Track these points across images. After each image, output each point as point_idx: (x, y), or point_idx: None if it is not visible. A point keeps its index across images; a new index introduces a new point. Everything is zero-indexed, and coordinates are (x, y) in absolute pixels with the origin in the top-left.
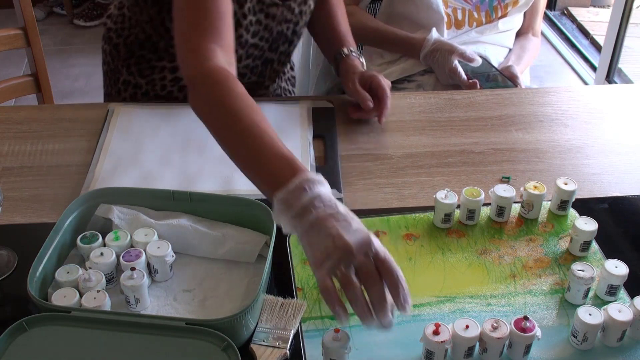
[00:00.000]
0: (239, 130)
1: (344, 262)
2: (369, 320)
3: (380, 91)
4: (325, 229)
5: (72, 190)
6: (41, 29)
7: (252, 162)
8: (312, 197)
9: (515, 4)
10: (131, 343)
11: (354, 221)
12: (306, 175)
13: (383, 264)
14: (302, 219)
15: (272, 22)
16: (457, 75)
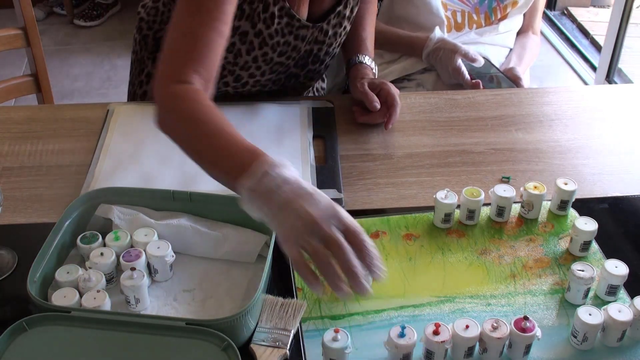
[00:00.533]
0: (202, 134)
1: (310, 234)
2: (342, 291)
3: (390, 98)
4: (293, 210)
5: (72, 190)
6: (41, 29)
7: (217, 159)
8: (277, 180)
9: (515, 5)
10: (131, 343)
11: (320, 196)
12: (268, 160)
13: (350, 232)
14: (270, 203)
15: (301, 43)
16: (460, 75)
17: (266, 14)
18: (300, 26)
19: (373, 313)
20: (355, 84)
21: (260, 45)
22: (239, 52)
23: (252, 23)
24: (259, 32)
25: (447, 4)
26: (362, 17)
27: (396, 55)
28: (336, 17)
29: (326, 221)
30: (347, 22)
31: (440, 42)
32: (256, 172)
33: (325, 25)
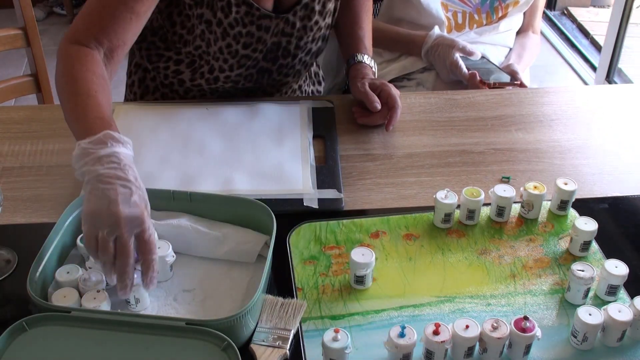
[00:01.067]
0: (74, 92)
1: (108, 229)
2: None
3: (391, 99)
4: (106, 189)
5: (72, 190)
6: (41, 29)
7: (76, 118)
8: (109, 152)
9: (516, 4)
10: (131, 343)
11: (136, 192)
12: (112, 133)
13: (143, 244)
14: (92, 168)
15: (266, 35)
16: (457, 68)
17: (223, 2)
18: (261, 16)
19: (373, 313)
20: (356, 83)
21: (222, 36)
22: (208, 41)
23: (212, 11)
24: (220, 21)
25: (447, 5)
26: (357, 14)
27: (396, 54)
28: (303, 9)
29: (128, 227)
30: (319, 16)
31: (439, 39)
32: (96, 139)
33: (292, 17)
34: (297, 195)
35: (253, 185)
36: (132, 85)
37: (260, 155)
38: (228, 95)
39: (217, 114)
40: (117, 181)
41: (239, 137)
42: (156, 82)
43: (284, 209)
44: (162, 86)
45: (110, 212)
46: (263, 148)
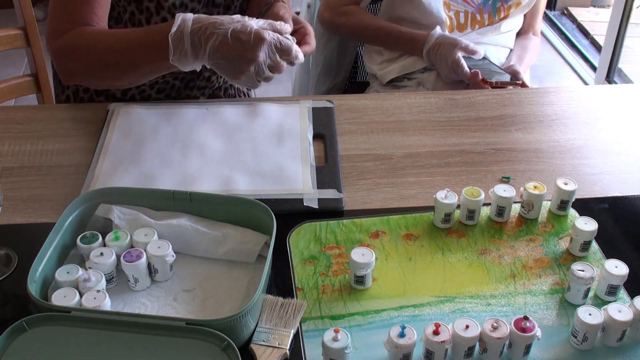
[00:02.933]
0: (115, 41)
1: (259, 69)
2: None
3: (307, 38)
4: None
5: (72, 190)
6: (41, 29)
7: (138, 59)
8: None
9: (518, 6)
10: (131, 343)
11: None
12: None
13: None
14: (199, 57)
15: (198, 5)
16: (459, 67)
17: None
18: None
19: (373, 313)
20: (277, 10)
21: (157, 10)
22: (139, 22)
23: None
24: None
25: (450, 4)
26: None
27: (396, 53)
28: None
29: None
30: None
31: (440, 38)
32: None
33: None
34: (297, 195)
35: (253, 185)
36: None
37: (260, 155)
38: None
39: (217, 114)
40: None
41: (239, 137)
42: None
43: (284, 209)
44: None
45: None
46: (263, 148)
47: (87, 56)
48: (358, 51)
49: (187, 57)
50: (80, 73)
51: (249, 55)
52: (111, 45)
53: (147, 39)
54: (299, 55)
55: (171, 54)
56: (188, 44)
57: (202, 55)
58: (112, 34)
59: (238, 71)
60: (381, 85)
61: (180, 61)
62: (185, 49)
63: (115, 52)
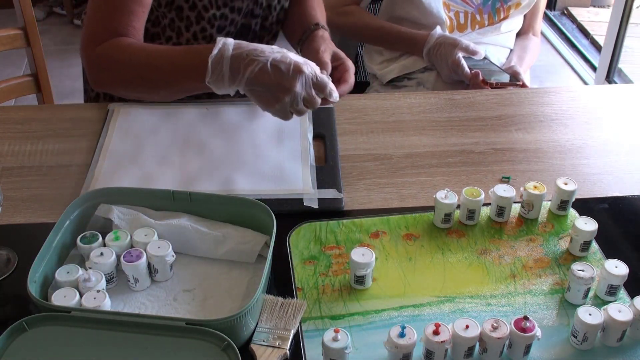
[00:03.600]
0: (146, 66)
1: (294, 101)
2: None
3: (347, 76)
4: (262, 83)
5: (72, 190)
6: (41, 29)
7: (174, 77)
8: (229, 62)
9: (518, 6)
10: (131, 343)
11: (280, 63)
12: (212, 53)
13: (318, 85)
14: (236, 82)
15: (238, 16)
16: (459, 67)
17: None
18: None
19: (373, 313)
20: (316, 46)
21: (197, 20)
22: (179, 29)
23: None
24: (193, 4)
25: (449, 5)
26: (311, 7)
27: (396, 53)
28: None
29: (302, 88)
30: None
31: (441, 38)
32: (211, 67)
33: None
34: (297, 195)
35: (253, 185)
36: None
37: (260, 155)
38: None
39: (217, 114)
40: (262, 72)
41: (239, 137)
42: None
43: (284, 209)
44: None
45: (284, 93)
46: (263, 148)
47: (124, 70)
48: (358, 51)
49: (223, 80)
50: (114, 85)
51: (287, 84)
52: (149, 62)
53: (186, 58)
54: (334, 94)
55: (208, 75)
56: (227, 68)
57: (240, 80)
58: (150, 50)
59: (273, 99)
60: (381, 85)
61: (216, 84)
62: (223, 72)
63: (152, 69)
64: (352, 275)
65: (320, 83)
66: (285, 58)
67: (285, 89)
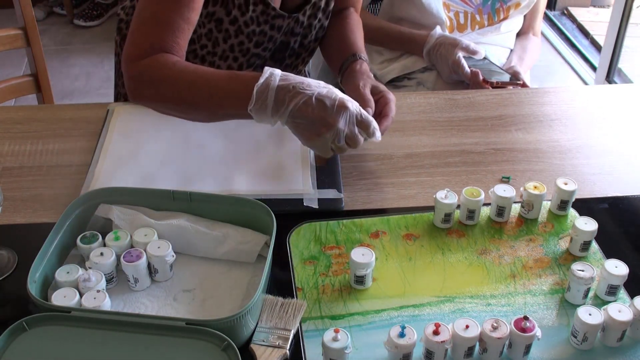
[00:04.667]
0: (188, 87)
1: (337, 138)
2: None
3: (387, 109)
4: (306, 117)
5: (72, 190)
6: (41, 29)
7: (215, 102)
8: (275, 92)
9: (517, 7)
10: (131, 343)
11: (325, 98)
12: (258, 82)
13: (362, 123)
14: (279, 113)
15: (277, 34)
16: (460, 67)
17: (241, 1)
18: (275, 15)
19: (373, 313)
20: (356, 81)
21: (236, 34)
22: (216, 40)
23: (226, 10)
24: (234, 19)
25: (449, 5)
26: (350, 28)
27: (396, 53)
28: (311, 8)
29: (345, 125)
30: (323, 14)
31: (441, 38)
32: (256, 95)
33: (301, 17)
34: (297, 195)
35: (253, 185)
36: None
37: (260, 155)
38: None
39: None
40: (306, 106)
41: (239, 137)
42: None
43: (284, 209)
44: None
45: (327, 128)
46: (263, 148)
47: (165, 88)
48: None
49: (266, 110)
50: (153, 101)
51: (330, 119)
52: (192, 83)
53: (230, 84)
54: (377, 133)
55: (252, 103)
56: (271, 98)
57: (283, 112)
58: (194, 71)
59: (315, 133)
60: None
61: (259, 113)
62: (267, 102)
63: (194, 91)
64: (352, 275)
65: (364, 121)
66: (331, 94)
67: (327, 124)
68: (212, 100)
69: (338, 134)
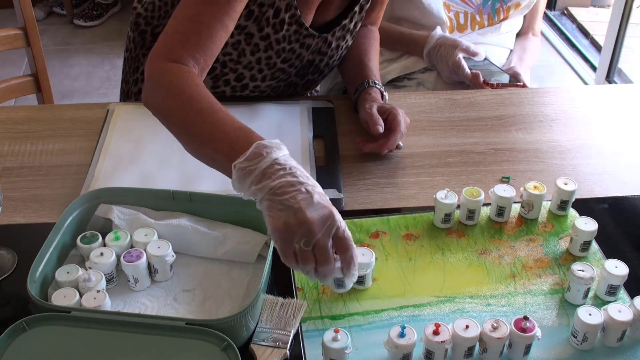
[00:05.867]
0: (194, 110)
1: (304, 239)
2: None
3: (395, 123)
4: (286, 200)
5: (72, 190)
6: (41, 29)
7: (209, 137)
8: (269, 162)
9: (517, 7)
10: (131, 343)
11: (315, 193)
12: (262, 142)
13: (341, 241)
14: (261, 184)
15: (305, 52)
16: (460, 68)
17: (276, 19)
18: (307, 35)
19: (373, 313)
20: (364, 105)
21: (265, 49)
22: (242, 51)
23: (259, 26)
24: (267, 35)
25: (449, 5)
26: (367, 50)
27: (397, 53)
28: (341, 29)
29: (322, 229)
30: (350, 35)
31: (441, 39)
32: (250, 154)
33: (330, 37)
34: None
35: None
36: (139, 93)
37: None
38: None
39: None
40: (291, 188)
41: None
42: None
43: None
44: None
45: (300, 221)
46: None
47: (173, 102)
48: None
49: (251, 174)
50: (156, 105)
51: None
52: (201, 110)
53: (235, 130)
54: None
55: (243, 157)
56: (265, 164)
57: (265, 185)
58: (209, 102)
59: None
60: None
61: (241, 172)
62: (258, 166)
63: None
64: None
65: (344, 240)
66: (324, 195)
67: (303, 217)
68: (206, 133)
69: (309, 234)
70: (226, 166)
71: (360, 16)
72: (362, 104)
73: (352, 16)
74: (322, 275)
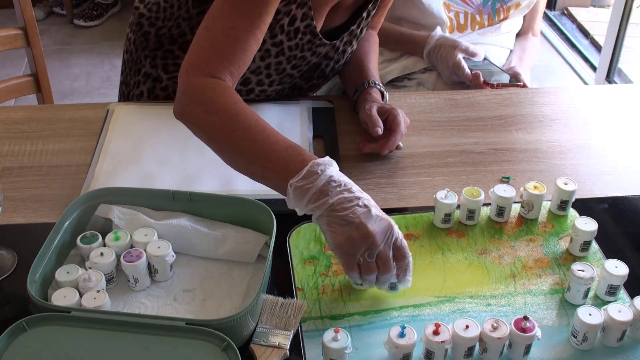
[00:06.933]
0: (242, 128)
1: (368, 252)
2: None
3: (394, 124)
4: (347, 216)
5: (72, 190)
6: (41, 29)
7: (260, 156)
8: (325, 180)
9: (517, 7)
10: (131, 343)
11: (372, 207)
12: (316, 160)
13: (399, 250)
14: (320, 202)
15: (315, 58)
16: (460, 69)
17: (291, 28)
18: (319, 44)
19: (373, 313)
20: (364, 106)
21: (276, 55)
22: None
23: (271, 33)
24: (279, 42)
25: (449, 5)
26: (366, 52)
27: (397, 53)
28: (348, 35)
29: (384, 240)
30: (356, 40)
31: (441, 39)
32: (306, 172)
33: (338, 43)
34: None
35: (253, 185)
36: (141, 95)
37: None
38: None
39: None
40: (349, 204)
41: None
42: (168, 91)
43: (284, 209)
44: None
45: (362, 235)
46: None
47: (217, 119)
48: None
49: (308, 192)
50: (198, 124)
51: (370, 227)
52: (249, 128)
53: (287, 149)
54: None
55: (299, 176)
56: (321, 182)
57: (324, 202)
58: (255, 119)
59: (348, 236)
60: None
61: (297, 191)
62: (314, 184)
63: (247, 135)
64: None
65: (402, 249)
66: (378, 208)
67: (365, 230)
68: (256, 151)
69: (372, 246)
70: (279, 184)
71: (367, 22)
72: (362, 105)
73: (360, 22)
74: (382, 282)
